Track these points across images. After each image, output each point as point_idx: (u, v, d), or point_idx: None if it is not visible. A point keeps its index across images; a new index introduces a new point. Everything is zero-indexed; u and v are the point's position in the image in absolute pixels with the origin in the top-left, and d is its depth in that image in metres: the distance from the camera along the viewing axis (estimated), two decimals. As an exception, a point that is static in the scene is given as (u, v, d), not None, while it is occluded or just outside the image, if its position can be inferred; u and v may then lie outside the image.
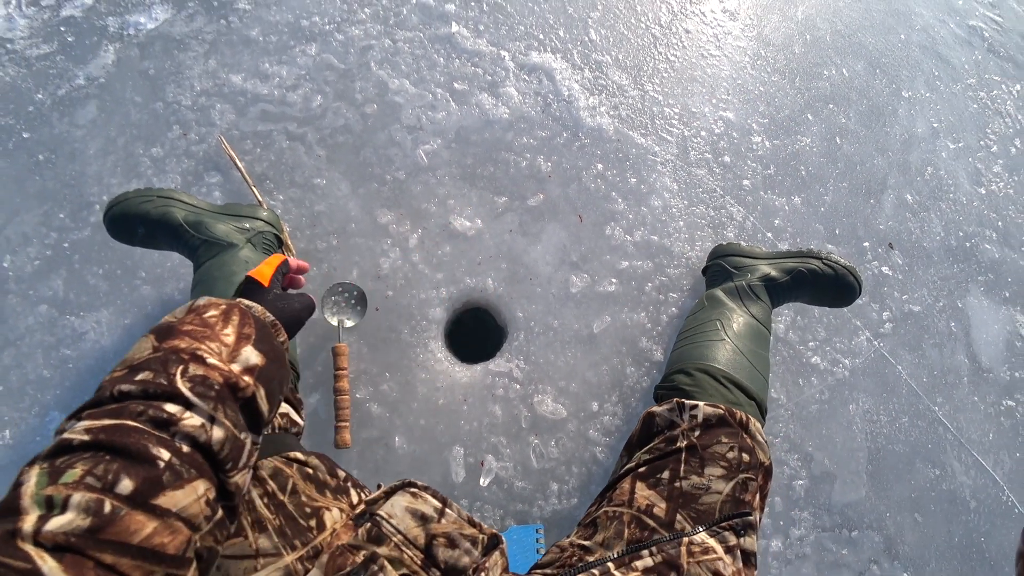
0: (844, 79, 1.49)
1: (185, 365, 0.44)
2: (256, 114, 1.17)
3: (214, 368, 0.45)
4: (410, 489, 0.64)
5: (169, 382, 0.42)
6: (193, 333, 0.47)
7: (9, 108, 1.16)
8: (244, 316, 0.52)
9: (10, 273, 1.05)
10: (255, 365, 0.48)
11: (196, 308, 0.52)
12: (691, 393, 0.82)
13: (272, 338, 0.53)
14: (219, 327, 0.49)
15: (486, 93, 1.23)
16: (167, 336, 0.47)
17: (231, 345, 0.48)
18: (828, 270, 1.03)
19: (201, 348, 0.46)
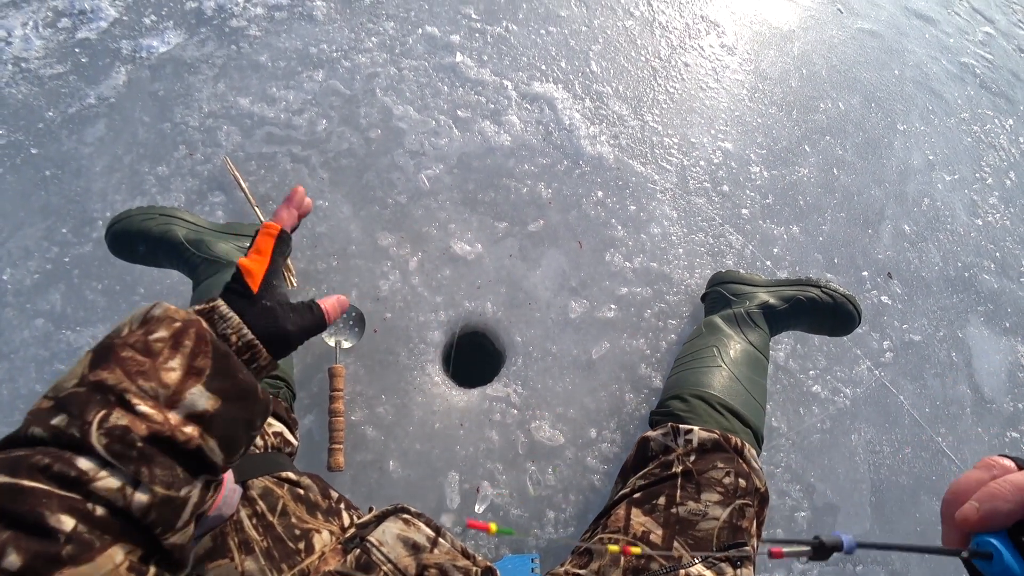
0: (840, 112, 1.52)
1: (108, 410, 0.35)
2: (262, 136, 1.19)
3: (143, 418, 0.36)
4: (403, 515, 0.62)
5: (83, 433, 0.34)
6: (129, 363, 0.38)
7: (20, 124, 1.18)
8: (199, 342, 0.40)
9: (9, 286, 1.05)
10: (203, 411, 0.39)
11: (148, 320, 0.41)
12: (685, 418, 0.81)
13: (235, 370, 0.41)
14: (163, 357, 0.39)
15: (488, 121, 1.26)
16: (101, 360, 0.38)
17: (173, 384, 0.38)
18: (827, 299, 1.03)
19: (130, 389, 0.37)
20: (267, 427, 0.74)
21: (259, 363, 0.45)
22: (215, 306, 0.44)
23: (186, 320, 0.41)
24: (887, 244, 1.37)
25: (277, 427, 0.76)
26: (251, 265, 0.47)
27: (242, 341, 0.44)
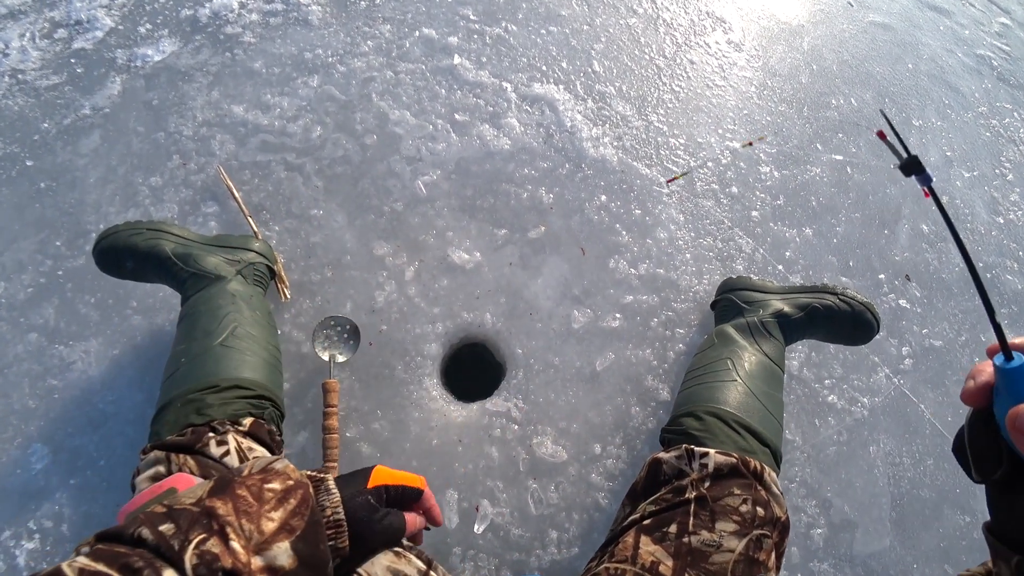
0: (853, 108, 1.43)
1: (208, 536, 0.40)
2: (256, 144, 1.14)
3: (232, 553, 0.40)
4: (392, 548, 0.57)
5: (180, 549, 0.38)
6: (241, 501, 0.43)
7: (16, 136, 1.14)
8: (302, 504, 0.46)
9: (3, 300, 1.01)
10: (280, 567, 0.42)
11: (268, 470, 0.47)
12: (701, 439, 0.74)
13: (320, 540, 0.46)
14: (268, 506, 0.44)
15: (487, 124, 1.19)
16: (219, 491, 0.44)
17: (267, 533, 0.43)
18: (844, 306, 0.96)
19: (233, 524, 0.41)
20: (248, 452, 0.69)
21: (337, 543, 0.48)
22: (324, 479, 0.49)
23: (298, 481, 0.47)
24: (904, 245, 1.28)
25: (259, 451, 0.71)
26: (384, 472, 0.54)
27: (334, 518, 0.48)
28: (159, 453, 0.66)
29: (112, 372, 0.98)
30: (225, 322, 0.81)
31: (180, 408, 0.71)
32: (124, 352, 0.99)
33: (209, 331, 0.80)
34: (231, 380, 0.75)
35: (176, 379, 0.76)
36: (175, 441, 0.67)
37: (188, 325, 0.83)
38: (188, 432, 0.68)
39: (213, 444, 0.67)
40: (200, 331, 0.80)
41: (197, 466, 0.64)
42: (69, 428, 0.93)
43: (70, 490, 0.90)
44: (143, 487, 0.64)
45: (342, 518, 0.48)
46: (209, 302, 0.85)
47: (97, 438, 0.93)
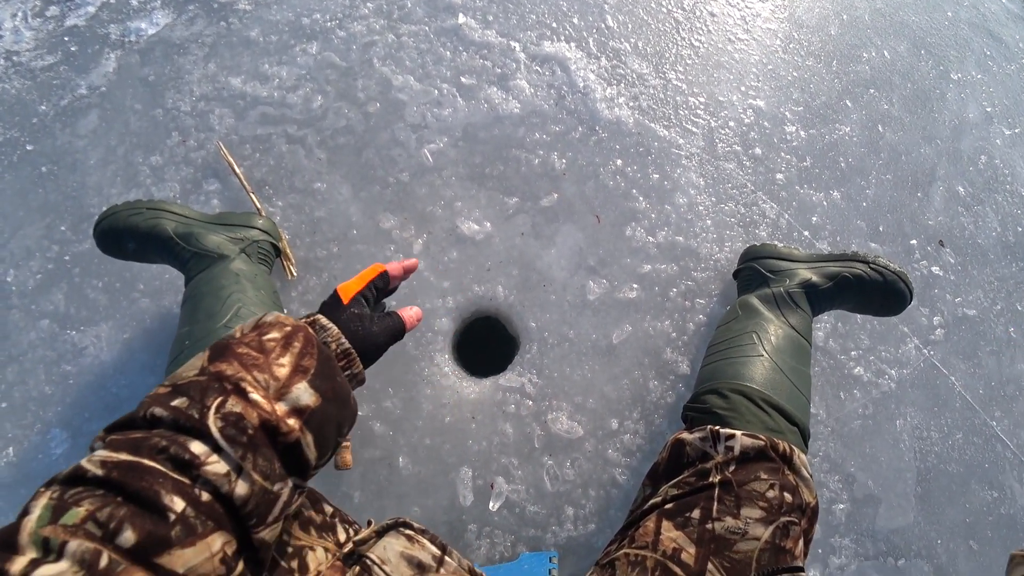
0: (886, 62, 1.30)
1: (224, 397, 0.37)
2: (255, 117, 1.07)
3: (255, 406, 0.38)
4: (405, 531, 0.55)
5: (201, 417, 0.36)
6: (245, 357, 0.41)
7: (15, 120, 1.09)
8: (307, 344, 0.44)
9: (13, 288, 0.98)
10: (305, 406, 0.41)
11: (261, 325, 0.45)
12: (726, 419, 0.69)
13: (335, 373, 0.44)
14: (275, 354, 0.42)
15: (495, 87, 1.10)
16: (219, 355, 0.41)
17: (282, 379, 0.41)
18: (876, 276, 0.88)
19: (246, 379, 0.39)
20: None
21: (352, 371, 0.47)
22: (316, 318, 0.48)
23: (295, 325, 0.45)
24: (939, 208, 1.18)
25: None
26: (347, 284, 0.53)
27: (340, 348, 0.47)
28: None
29: (124, 356, 0.95)
30: (229, 303, 0.77)
31: None
32: (134, 336, 0.96)
33: (213, 313, 0.76)
34: (236, 362, 0.71)
35: (180, 363, 0.72)
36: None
37: (191, 307, 0.79)
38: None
39: None
40: (203, 313, 0.76)
41: None
42: (86, 413, 0.91)
43: (89, 471, 0.89)
44: None
45: (348, 346, 0.47)
46: (212, 282, 0.80)
47: (112, 420, 0.91)
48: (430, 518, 0.87)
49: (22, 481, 0.89)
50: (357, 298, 0.52)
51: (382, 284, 0.56)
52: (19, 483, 0.89)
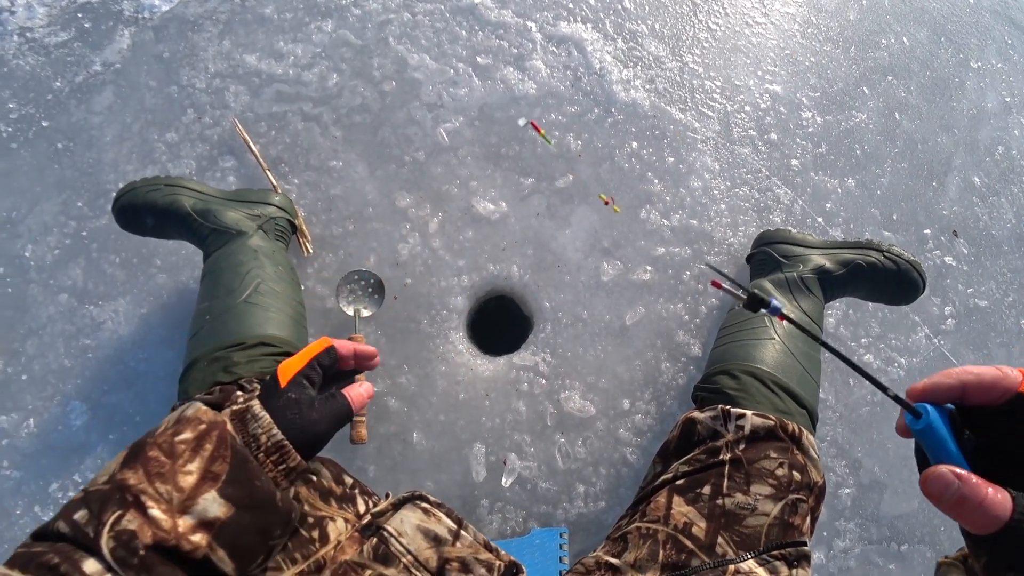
0: (904, 48, 1.27)
1: (123, 512, 0.35)
2: (271, 95, 1.06)
3: (151, 523, 0.35)
4: (421, 504, 0.55)
5: (95, 535, 0.34)
6: (152, 464, 0.37)
7: (30, 97, 1.08)
8: (220, 445, 0.40)
9: (31, 263, 0.98)
10: (214, 518, 0.37)
11: (180, 420, 0.41)
12: (736, 399, 0.69)
13: (253, 476, 0.40)
14: (183, 460, 0.38)
15: (511, 67, 1.08)
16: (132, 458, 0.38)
17: (187, 489, 0.37)
18: (889, 264, 0.87)
19: (147, 491, 0.36)
20: None
21: (288, 464, 0.43)
22: (250, 406, 0.44)
23: (211, 423, 0.41)
24: (953, 198, 1.16)
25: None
26: (288, 363, 0.48)
27: (271, 441, 0.42)
28: None
29: (142, 331, 0.95)
30: (248, 279, 0.77)
31: (207, 366, 0.68)
32: (152, 311, 0.96)
33: (232, 288, 0.76)
34: (257, 337, 0.71)
35: (201, 337, 0.73)
36: (204, 399, 0.64)
37: (211, 282, 0.79)
38: (217, 390, 0.65)
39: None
40: (223, 288, 0.76)
41: None
42: (104, 386, 0.92)
43: (110, 444, 0.89)
44: None
45: (280, 438, 0.43)
46: (231, 258, 0.80)
47: (131, 395, 0.92)
48: (443, 493, 0.88)
49: (43, 452, 0.90)
50: (297, 379, 0.47)
51: (328, 361, 0.50)
52: (40, 453, 0.90)
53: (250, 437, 0.42)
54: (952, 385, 0.31)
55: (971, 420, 0.32)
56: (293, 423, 0.44)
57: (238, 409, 0.44)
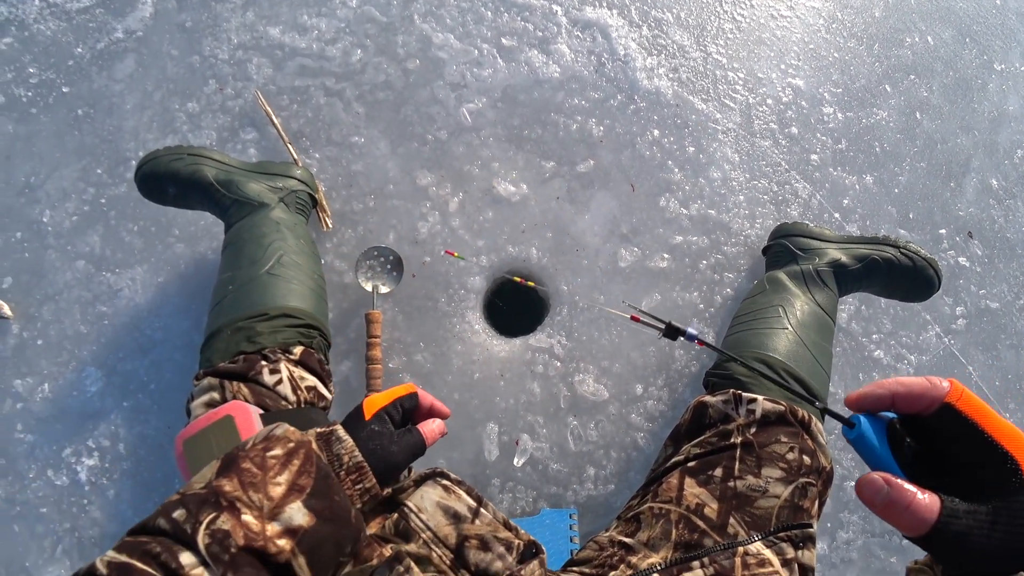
0: (928, 48, 1.25)
1: (218, 514, 0.38)
2: (294, 68, 1.04)
3: (244, 526, 0.38)
4: (442, 481, 0.54)
5: (192, 531, 0.37)
6: (246, 474, 0.41)
7: (50, 62, 1.06)
8: (307, 461, 0.43)
9: (49, 228, 0.97)
10: (298, 527, 0.40)
11: (269, 438, 0.44)
12: (748, 385, 0.69)
13: (333, 491, 0.43)
14: (273, 472, 0.41)
15: (536, 50, 1.07)
16: (226, 469, 0.42)
17: (276, 499, 0.40)
18: (906, 260, 0.86)
19: (242, 498, 0.39)
20: (299, 380, 0.65)
21: (365, 484, 0.46)
22: (334, 429, 0.47)
23: (299, 441, 0.44)
24: (970, 200, 1.15)
25: (310, 380, 0.67)
26: (373, 398, 0.52)
27: (352, 462, 0.46)
28: (212, 380, 0.63)
29: (158, 299, 0.94)
30: (271, 250, 0.76)
31: (231, 336, 0.68)
32: (169, 280, 0.95)
33: (255, 259, 0.75)
34: (279, 308, 0.71)
35: (224, 307, 0.72)
36: (228, 368, 0.63)
37: (233, 253, 0.78)
38: (240, 360, 0.64)
39: (266, 372, 0.63)
40: (246, 259, 0.75)
41: (251, 394, 0.61)
42: (120, 353, 0.91)
43: (124, 412, 0.89)
44: (198, 412, 0.61)
45: (361, 460, 0.46)
46: (253, 230, 0.79)
47: (147, 363, 0.91)
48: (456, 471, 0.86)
49: (58, 416, 0.90)
50: (380, 414, 0.50)
51: (409, 405, 0.53)
52: (55, 418, 0.90)
53: (333, 456, 0.45)
54: (882, 395, 0.32)
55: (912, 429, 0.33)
56: (374, 452, 0.47)
57: (323, 431, 0.47)
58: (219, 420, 0.59)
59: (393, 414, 0.51)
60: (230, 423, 0.58)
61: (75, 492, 0.87)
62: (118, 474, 0.88)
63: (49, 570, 0.85)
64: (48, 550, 0.86)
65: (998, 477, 0.29)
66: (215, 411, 0.59)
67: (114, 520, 0.86)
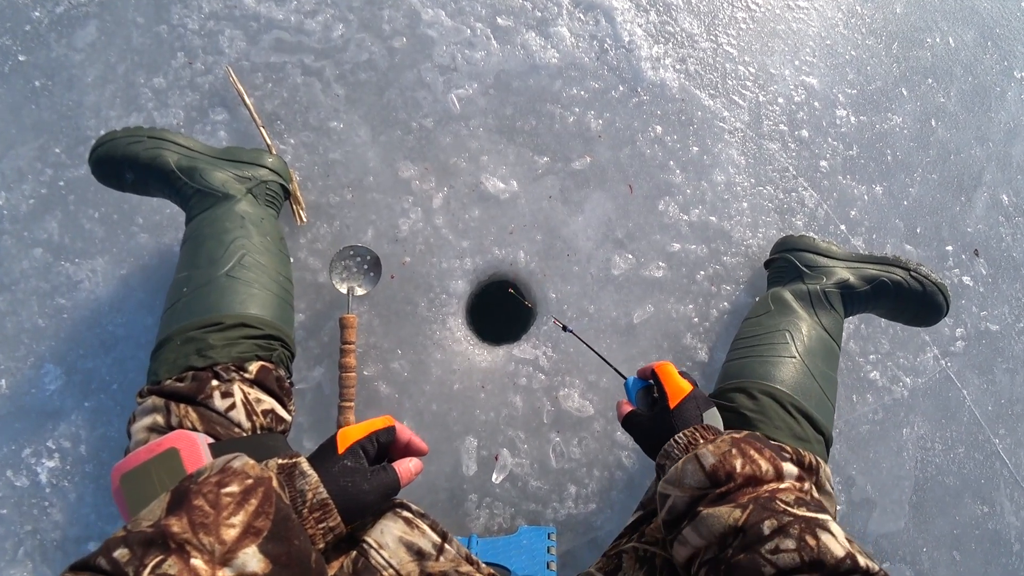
0: (949, 50, 1.12)
1: (165, 557, 0.33)
2: (269, 43, 0.90)
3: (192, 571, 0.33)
4: (403, 513, 0.49)
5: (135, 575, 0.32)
6: (197, 512, 0.36)
7: (6, 27, 0.92)
8: (265, 501, 0.38)
9: (5, 212, 0.85)
10: (251, 574, 0.35)
11: (225, 471, 0.39)
12: (753, 421, 0.61)
13: (293, 535, 0.38)
14: (227, 512, 0.36)
15: (533, 32, 0.93)
16: (176, 505, 0.36)
17: (229, 542, 0.35)
18: (915, 284, 0.77)
19: (191, 541, 0.34)
20: (255, 404, 0.56)
21: (329, 523, 0.41)
22: (297, 462, 0.43)
23: (258, 477, 0.39)
24: (979, 215, 1.04)
25: (267, 403, 0.57)
26: (348, 431, 0.46)
27: (317, 499, 0.41)
28: (157, 400, 0.53)
29: (120, 293, 0.83)
30: (232, 248, 0.65)
31: (180, 347, 0.58)
32: (132, 272, 0.84)
33: (214, 259, 0.64)
34: (236, 317, 0.60)
35: (177, 311, 0.62)
36: (175, 389, 0.54)
37: (192, 249, 0.67)
38: (189, 377, 0.55)
39: (217, 396, 0.54)
40: (204, 258, 0.65)
41: (200, 420, 0.52)
42: (80, 350, 0.81)
43: (85, 412, 0.80)
44: (140, 438, 0.52)
45: (325, 497, 0.41)
46: (215, 224, 0.68)
47: (109, 361, 0.81)
48: (431, 484, 0.79)
49: (16, 414, 0.80)
50: (355, 448, 0.45)
51: (386, 439, 0.47)
52: (13, 416, 0.80)
53: (296, 492, 0.41)
54: (643, 370, 0.61)
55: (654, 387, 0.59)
56: (345, 490, 0.42)
57: (285, 463, 0.42)
58: (163, 453, 0.49)
59: (368, 449, 0.46)
60: (175, 456, 0.49)
61: (36, 494, 0.79)
62: (79, 476, 0.79)
63: (11, 572, 0.77)
64: (10, 552, 0.78)
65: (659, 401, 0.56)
66: (158, 442, 0.49)
67: (76, 524, 0.78)
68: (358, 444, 0.45)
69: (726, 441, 0.47)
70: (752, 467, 0.45)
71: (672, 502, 0.47)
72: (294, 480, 0.41)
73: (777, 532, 0.40)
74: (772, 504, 0.42)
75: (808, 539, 0.39)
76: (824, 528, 0.40)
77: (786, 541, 0.39)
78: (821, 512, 0.41)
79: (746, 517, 0.41)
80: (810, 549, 0.38)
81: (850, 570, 0.38)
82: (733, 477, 0.44)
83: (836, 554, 0.38)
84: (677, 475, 0.47)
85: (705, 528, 0.43)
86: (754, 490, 0.43)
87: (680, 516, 0.46)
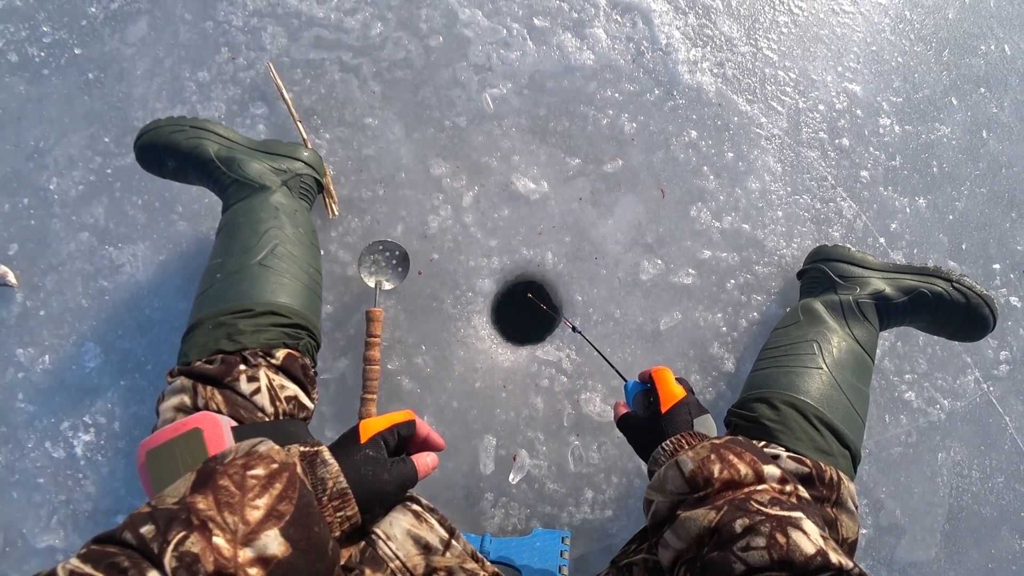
0: (1004, 58, 1.04)
1: (188, 533, 0.33)
2: (309, 40, 0.90)
3: (215, 550, 0.33)
4: (412, 507, 0.48)
5: (160, 551, 0.33)
6: (222, 492, 0.36)
7: (64, 21, 0.94)
8: (289, 486, 0.38)
9: (56, 196, 0.87)
10: (272, 556, 0.35)
11: (251, 454, 0.39)
12: (774, 432, 0.58)
13: (313, 521, 0.38)
14: (252, 494, 0.36)
15: (569, 33, 0.90)
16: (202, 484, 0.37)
17: (253, 523, 0.35)
18: (959, 296, 0.71)
19: (215, 519, 0.35)
20: (279, 390, 0.55)
21: (347, 512, 0.41)
22: (319, 451, 0.42)
23: (283, 463, 0.39)
24: (1031, 231, 0.97)
25: (290, 390, 0.57)
26: (370, 422, 0.46)
27: (337, 488, 0.41)
28: (186, 381, 0.53)
29: (159, 278, 0.85)
30: (265, 238, 0.65)
31: (211, 331, 0.58)
32: (170, 258, 0.85)
33: (248, 247, 0.64)
34: (266, 305, 0.60)
35: (209, 296, 0.62)
36: (204, 370, 0.54)
37: (226, 237, 0.67)
38: (218, 360, 0.54)
39: (244, 380, 0.53)
40: (238, 246, 0.64)
41: (225, 403, 0.52)
42: (119, 331, 0.83)
43: (120, 390, 0.81)
44: (167, 416, 0.52)
45: (345, 486, 0.41)
46: (250, 214, 0.68)
47: (145, 343, 0.82)
48: (448, 481, 0.78)
49: (57, 389, 0.82)
50: (376, 439, 0.45)
51: (406, 433, 0.47)
52: (55, 390, 0.82)
53: (317, 480, 0.41)
54: (643, 373, 0.60)
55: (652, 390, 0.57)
56: (365, 479, 0.42)
57: (307, 451, 0.42)
58: (187, 432, 0.49)
59: (389, 440, 0.46)
60: (198, 437, 0.49)
61: (71, 466, 0.80)
62: (112, 452, 0.80)
63: (44, 539, 0.79)
64: (44, 519, 0.80)
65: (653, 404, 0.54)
66: (183, 421, 0.50)
67: (107, 497, 0.80)
68: (380, 435, 0.45)
69: (706, 447, 0.46)
70: (730, 471, 0.44)
71: (656, 507, 0.47)
72: (315, 468, 0.41)
73: (748, 531, 0.39)
74: (746, 504, 0.41)
75: (778, 537, 0.38)
76: (795, 526, 0.39)
77: (756, 539, 0.38)
78: (795, 511, 0.40)
79: (719, 518, 0.41)
80: (779, 547, 0.37)
81: (820, 567, 0.37)
82: (711, 482, 0.43)
83: (806, 551, 0.37)
84: (660, 481, 0.47)
85: (683, 531, 0.42)
86: (732, 493, 0.43)
87: (663, 521, 0.46)
